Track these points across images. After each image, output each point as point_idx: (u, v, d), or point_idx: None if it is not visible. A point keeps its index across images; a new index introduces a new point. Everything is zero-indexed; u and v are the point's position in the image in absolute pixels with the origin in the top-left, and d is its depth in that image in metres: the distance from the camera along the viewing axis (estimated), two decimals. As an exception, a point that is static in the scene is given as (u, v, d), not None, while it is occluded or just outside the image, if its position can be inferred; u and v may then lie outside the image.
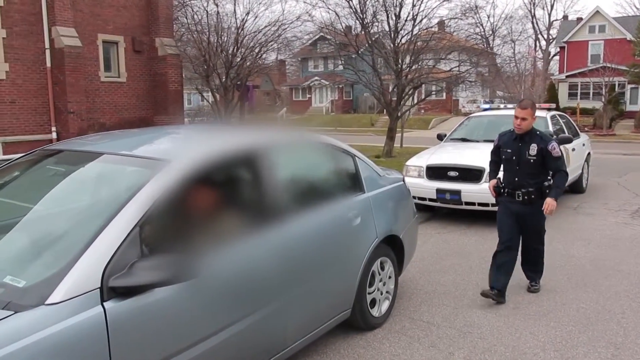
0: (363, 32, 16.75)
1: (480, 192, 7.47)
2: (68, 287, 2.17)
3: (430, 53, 17.79)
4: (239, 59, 21.11)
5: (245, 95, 22.43)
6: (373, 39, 16.67)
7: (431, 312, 4.71)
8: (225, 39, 21.03)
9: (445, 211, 8.53)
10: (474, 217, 8.22)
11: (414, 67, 16.77)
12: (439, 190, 7.98)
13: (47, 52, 15.21)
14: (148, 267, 2.35)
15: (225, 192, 3.15)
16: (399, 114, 17.20)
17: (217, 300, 2.77)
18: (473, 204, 7.79)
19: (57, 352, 2.07)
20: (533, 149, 4.77)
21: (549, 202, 4.72)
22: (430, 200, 8.16)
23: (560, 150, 4.81)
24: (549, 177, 4.86)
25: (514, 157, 4.88)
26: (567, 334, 4.27)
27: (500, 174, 5.13)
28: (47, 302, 2.12)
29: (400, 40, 16.49)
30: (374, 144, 20.41)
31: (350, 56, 18.51)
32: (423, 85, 18.46)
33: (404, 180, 5.07)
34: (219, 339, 2.75)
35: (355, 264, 3.98)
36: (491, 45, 33.77)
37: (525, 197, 4.83)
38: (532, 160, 4.78)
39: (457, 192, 7.82)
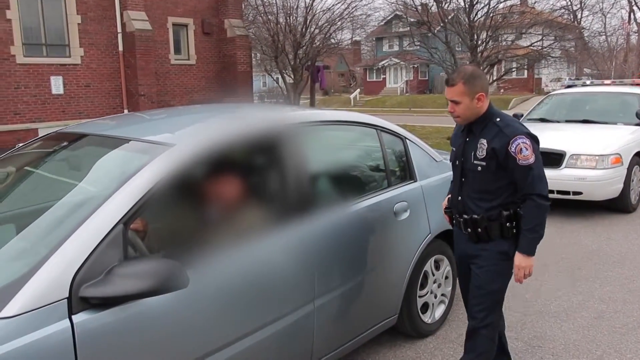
0: (437, 9, 15.81)
1: (559, 178, 6.68)
2: (27, 298, 1.81)
3: (509, 28, 16.58)
4: (307, 39, 20.71)
5: (315, 76, 21.96)
6: (449, 17, 15.66)
7: (495, 318, 4.10)
8: (294, 18, 20.70)
9: (519, 199, 7.72)
10: (552, 205, 7.38)
11: (490, 44, 15.68)
12: (512, 177, 7.17)
13: (119, 36, 15.51)
14: (129, 273, 1.95)
15: (238, 183, 2.66)
16: (474, 94, 16.14)
17: (221, 310, 2.33)
18: (551, 191, 6.94)
19: (8, 376, 1.72)
20: (481, 148, 2.73)
21: (519, 265, 2.73)
22: (503, 187, 7.38)
23: (535, 152, 2.66)
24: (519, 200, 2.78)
25: (456, 161, 2.94)
26: (661, 353, 3.56)
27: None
28: (1, 315, 1.77)
29: (476, 15, 15.42)
30: (448, 124, 19.48)
31: (426, 35, 17.60)
32: (502, 63, 17.28)
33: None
34: (225, 355, 2.33)
35: (403, 264, 3.44)
36: (578, 19, 31.38)
37: (469, 230, 2.85)
38: (479, 168, 2.75)
39: (533, 179, 6.95)
